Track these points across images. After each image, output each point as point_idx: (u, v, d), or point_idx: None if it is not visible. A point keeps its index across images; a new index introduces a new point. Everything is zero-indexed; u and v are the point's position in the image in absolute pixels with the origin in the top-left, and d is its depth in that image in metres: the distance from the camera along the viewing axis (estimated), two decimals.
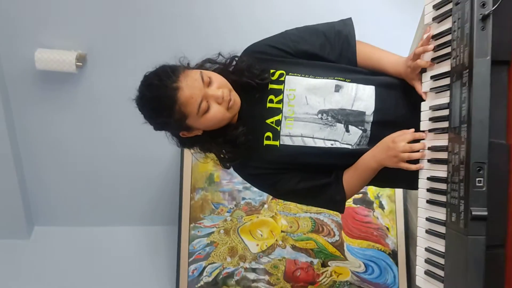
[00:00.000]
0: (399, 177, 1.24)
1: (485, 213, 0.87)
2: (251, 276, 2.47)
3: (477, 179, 0.88)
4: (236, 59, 1.33)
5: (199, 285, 2.46)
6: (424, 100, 1.13)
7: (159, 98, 1.17)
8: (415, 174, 1.14)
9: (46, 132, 2.55)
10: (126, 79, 2.40)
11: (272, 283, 2.47)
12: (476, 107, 0.87)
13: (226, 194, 2.57)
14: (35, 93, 2.41)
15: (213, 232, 2.52)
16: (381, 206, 2.56)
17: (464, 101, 0.91)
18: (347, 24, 1.33)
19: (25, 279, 2.59)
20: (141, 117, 1.28)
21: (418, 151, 1.12)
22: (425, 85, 1.12)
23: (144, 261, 2.69)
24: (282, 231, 2.51)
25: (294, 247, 2.49)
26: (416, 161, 1.13)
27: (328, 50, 1.30)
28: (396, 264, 2.49)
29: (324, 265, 2.49)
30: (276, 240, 2.50)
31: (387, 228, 2.53)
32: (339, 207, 1.32)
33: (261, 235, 2.52)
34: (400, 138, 1.16)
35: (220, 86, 1.22)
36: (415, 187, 1.15)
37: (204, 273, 2.48)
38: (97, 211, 2.79)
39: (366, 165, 1.24)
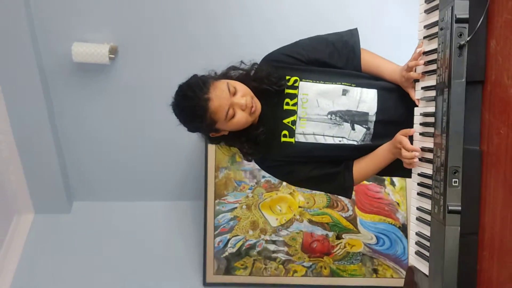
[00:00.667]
0: (396, 168, 1.43)
1: (459, 208, 1.06)
2: (271, 247, 2.70)
3: (453, 179, 1.06)
4: (256, 66, 1.51)
5: (224, 255, 2.70)
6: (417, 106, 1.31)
7: (192, 108, 1.37)
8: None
9: (83, 117, 2.75)
10: (153, 69, 2.62)
11: (290, 254, 2.69)
12: (453, 121, 1.05)
13: (247, 173, 2.78)
14: (72, 82, 2.62)
15: (236, 208, 2.75)
16: (392, 183, 2.74)
17: (444, 114, 1.08)
18: (353, 34, 1.50)
19: (66, 250, 2.81)
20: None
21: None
22: (417, 94, 1.29)
23: (174, 234, 2.89)
24: (299, 207, 2.71)
25: (310, 221, 2.70)
26: None
27: (336, 58, 1.48)
28: (406, 236, 2.68)
29: (338, 237, 2.70)
30: (294, 215, 2.72)
31: (398, 204, 2.71)
32: (347, 193, 1.52)
33: (280, 210, 2.73)
34: (403, 145, 1.30)
35: (243, 94, 1.41)
36: (409, 176, 1.34)
37: (229, 245, 2.71)
38: (131, 188, 3.00)
39: (384, 157, 1.42)
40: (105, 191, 3.02)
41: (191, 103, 1.37)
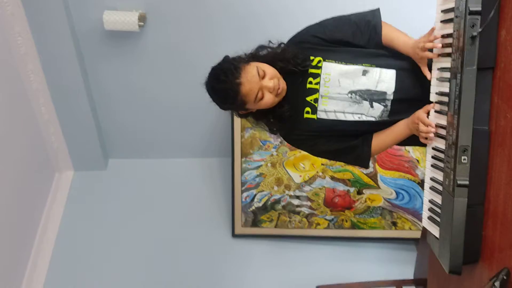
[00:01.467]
0: (412, 140, 1.55)
1: (467, 182, 1.18)
2: (295, 202, 2.87)
3: (463, 157, 1.18)
4: (282, 46, 1.62)
5: (251, 209, 2.89)
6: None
7: (225, 91, 1.50)
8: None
9: (115, 80, 2.89)
10: (181, 36, 2.72)
11: (313, 208, 2.86)
12: (464, 105, 1.15)
13: None
14: (104, 48, 2.74)
15: (261, 165, 2.90)
16: None
17: (457, 97, 1.18)
18: (375, 15, 1.58)
19: (104, 205, 3.03)
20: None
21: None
22: (434, 73, 1.39)
23: (203, 189, 3.08)
24: (322, 164, 2.84)
25: (332, 178, 2.85)
26: None
27: (359, 37, 1.57)
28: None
29: (359, 192, 2.84)
30: (317, 172, 2.86)
31: (417, 161, 2.82)
32: (364, 163, 1.66)
33: (303, 168, 2.88)
34: (421, 121, 1.41)
35: (271, 77, 1.53)
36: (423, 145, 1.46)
37: (255, 200, 2.89)
38: (162, 146, 3.18)
39: (401, 131, 1.54)
40: (138, 149, 3.21)
41: (224, 86, 1.49)
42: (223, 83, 1.49)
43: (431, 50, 1.41)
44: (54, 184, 3.09)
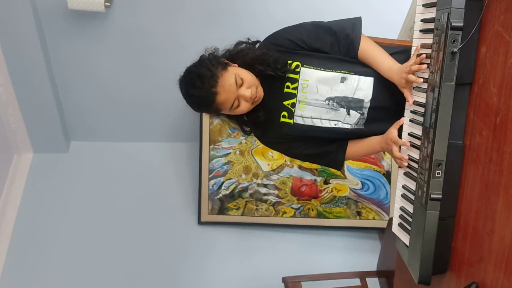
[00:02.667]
0: None
1: (440, 196, 1.19)
2: (263, 190, 2.87)
3: (437, 171, 1.18)
4: (259, 45, 1.58)
5: (218, 197, 2.86)
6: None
7: (200, 98, 1.45)
8: None
9: (79, 60, 2.77)
10: (149, 18, 2.62)
11: (280, 197, 2.87)
12: (440, 120, 1.15)
13: None
14: (67, 28, 2.62)
15: (230, 153, 2.87)
16: None
17: (434, 111, 1.18)
18: (355, 29, 1.54)
19: (65, 188, 2.94)
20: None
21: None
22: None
23: (170, 174, 3.03)
24: None
25: (300, 167, 2.85)
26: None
27: (336, 49, 1.55)
28: (389, 182, 2.86)
29: (326, 182, 2.87)
30: (285, 161, 2.85)
31: (383, 152, 2.85)
32: (337, 167, 1.69)
33: (272, 156, 2.87)
34: (395, 145, 1.41)
35: (249, 85, 1.49)
36: None
37: (223, 187, 2.87)
38: (127, 128, 3.09)
39: (374, 148, 1.57)
40: (102, 131, 3.12)
41: (200, 93, 1.44)
42: (199, 90, 1.44)
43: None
44: (13, 167, 2.97)
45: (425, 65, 1.28)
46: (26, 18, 2.49)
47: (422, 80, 1.30)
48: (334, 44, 1.54)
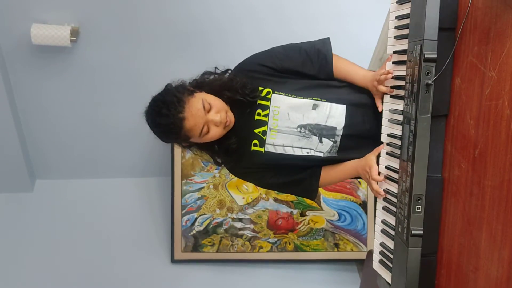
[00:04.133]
0: None
1: (421, 232, 1.14)
2: (238, 225, 2.79)
3: (417, 206, 1.14)
4: (229, 72, 1.53)
5: (192, 233, 2.77)
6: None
7: (167, 126, 1.39)
8: None
9: (44, 97, 2.70)
10: (116, 52, 2.57)
11: (256, 231, 2.79)
12: (418, 153, 1.11)
13: None
14: (32, 64, 2.55)
15: (203, 187, 2.80)
16: None
17: (411, 144, 1.15)
18: (325, 43, 1.52)
19: (30, 229, 2.82)
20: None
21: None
22: (385, 113, 1.35)
23: (141, 211, 2.94)
24: None
25: (276, 200, 2.79)
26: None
27: (309, 66, 1.51)
28: (366, 212, 2.82)
29: (302, 214, 2.81)
30: (260, 194, 2.79)
31: (359, 182, 2.83)
32: (311, 196, 1.61)
33: (247, 189, 2.80)
34: (370, 173, 1.36)
35: (218, 110, 1.43)
36: None
37: (196, 223, 2.78)
38: (95, 165, 3.00)
39: (350, 173, 1.51)
40: (69, 168, 3.02)
41: (167, 121, 1.38)
42: (166, 117, 1.38)
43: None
44: None
45: (391, 75, 1.30)
46: None
47: (393, 90, 1.31)
48: (307, 61, 1.51)
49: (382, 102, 1.39)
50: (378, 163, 1.37)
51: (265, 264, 2.80)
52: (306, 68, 1.51)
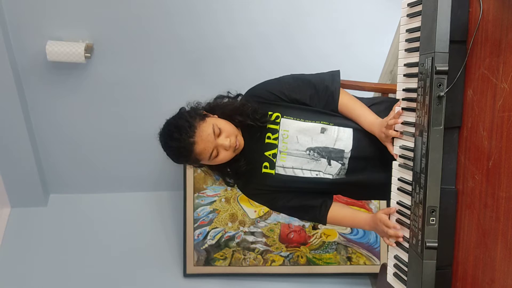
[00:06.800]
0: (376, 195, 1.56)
1: (436, 244, 1.14)
2: (250, 238, 2.79)
3: (431, 218, 1.14)
4: (240, 97, 1.59)
5: (204, 247, 2.78)
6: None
7: (178, 149, 1.45)
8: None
9: (58, 112, 2.72)
10: (130, 67, 2.60)
11: (269, 244, 2.79)
12: (431, 166, 1.12)
13: None
14: (47, 80, 2.58)
15: (215, 201, 2.81)
16: None
17: (424, 156, 1.15)
18: (335, 80, 1.56)
19: (44, 243, 2.83)
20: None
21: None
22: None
23: (153, 225, 2.94)
24: None
25: None
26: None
27: (315, 101, 1.56)
28: None
29: (314, 228, 2.81)
30: None
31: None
32: (321, 223, 1.63)
33: None
34: (385, 225, 1.38)
35: (228, 135, 1.48)
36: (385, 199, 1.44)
37: (208, 237, 2.79)
38: (108, 179, 3.02)
39: (361, 224, 1.55)
40: (82, 183, 3.04)
41: (178, 145, 1.44)
42: (177, 141, 1.44)
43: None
44: None
45: (401, 120, 1.30)
46: (4, 70, 2.44)
47: (402, 135, 1.31)
48: (314, 96, 1.55)
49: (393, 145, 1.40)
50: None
51: (278, 278, 2.78)
52: (313, 102, 1.57)
